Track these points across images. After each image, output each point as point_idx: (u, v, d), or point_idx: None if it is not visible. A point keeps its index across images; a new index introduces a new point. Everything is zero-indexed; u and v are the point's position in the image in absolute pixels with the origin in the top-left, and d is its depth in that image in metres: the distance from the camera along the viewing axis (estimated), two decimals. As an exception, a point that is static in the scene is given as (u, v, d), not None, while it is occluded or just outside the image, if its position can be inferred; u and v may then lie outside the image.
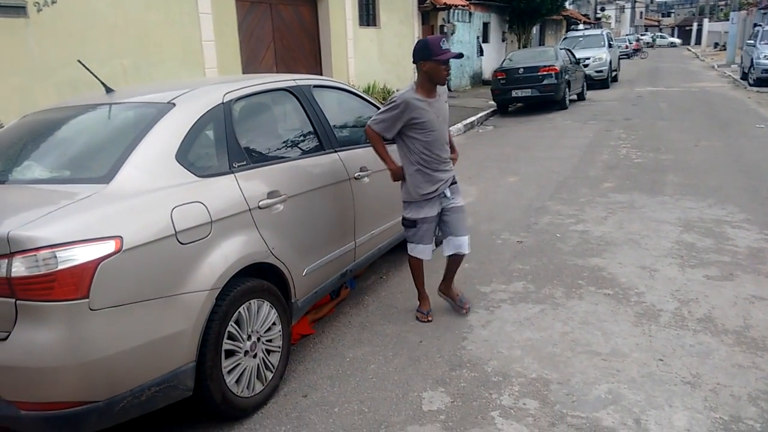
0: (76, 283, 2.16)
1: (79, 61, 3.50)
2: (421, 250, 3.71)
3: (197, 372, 2.56)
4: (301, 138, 3.62)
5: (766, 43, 16.91)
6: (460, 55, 3.51)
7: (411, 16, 16.07)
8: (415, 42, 3.54)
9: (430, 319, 3.78)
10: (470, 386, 3.02)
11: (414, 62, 3.46)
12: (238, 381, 2.77)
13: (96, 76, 3.33)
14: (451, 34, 18.77)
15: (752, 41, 17.76)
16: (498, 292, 4.16)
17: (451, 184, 3.68)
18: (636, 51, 35.07)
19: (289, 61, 11.16)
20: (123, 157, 2.57)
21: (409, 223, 3.67)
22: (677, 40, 60.08)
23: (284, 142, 3.59)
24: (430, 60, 3.36)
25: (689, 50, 45.14)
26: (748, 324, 3.50)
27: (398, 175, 3.62)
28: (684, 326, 3.51)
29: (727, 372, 3.01)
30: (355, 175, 3.75)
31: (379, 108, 4.50)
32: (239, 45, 9.56)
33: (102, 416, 2.29)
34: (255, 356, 2.88)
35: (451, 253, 3.73)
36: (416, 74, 3.54)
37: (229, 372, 2.72)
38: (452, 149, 3.78)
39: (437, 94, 3.52)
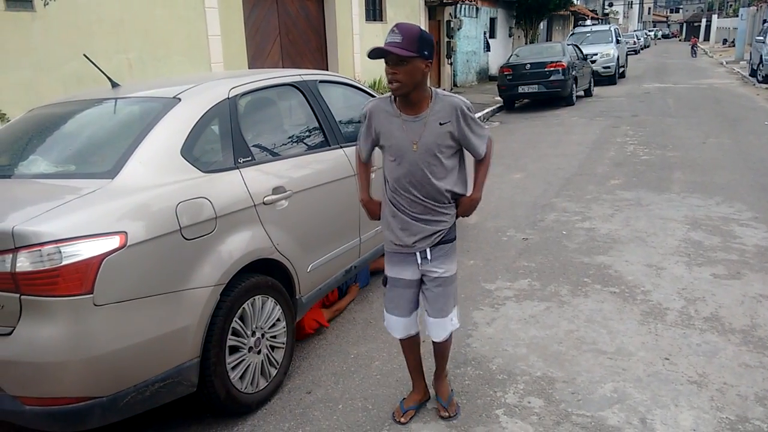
0: (80, 278, 2.16)
1: (84, 56, 3.50)
2: (387, 322, 2.70)
3: (201, 368, 2.56)
4: (307, 133, 3.61)
5: (775, 40, 16.76)
6: (386, 60, 2.29)
7: (418, 11, 16.01)
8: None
9: (402, 421, 2.72)
10: (475, 384, 3.01)
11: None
12: (242, 377, 2.77)
13: (102, 71, 3.32)
14: (458, 29, 18.69)
15: (761, 38, 17.62)
16: (503, 289, 4.14)
17: (440, 242, 2.54)
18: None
19: (295, 56, 11.14)
20: (128, 153, 2.56)
21: (383, 279, 2.70)
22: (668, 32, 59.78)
23: (290, 138, 3.58)
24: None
25: (698, 46, 44.80)
26: (756, 323, 3.47)
27: (367, 209, 2.72)
28: (690, 325, 3.48)
29: (733, 371, 2.99)
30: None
31: None
32: (245, 40, 9.54)
33: (106, 412, 2.29)
34: (259, 352, 2.88)
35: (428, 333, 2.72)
36: None
37: (233, 368, 2.72)
38: (474, 188, 2.63)
39: (427, 108, 2.39)
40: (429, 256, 2.54)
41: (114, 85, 3.33)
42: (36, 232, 2.12)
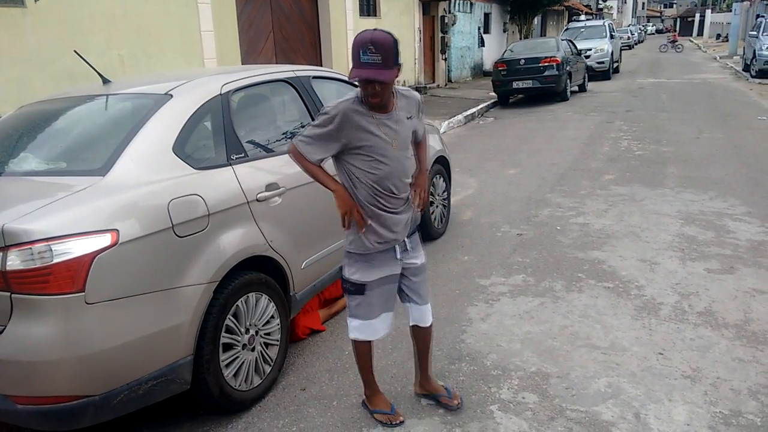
0: (71, 276, 2.14)
1: (75, 52, 3.47)
2: (365, 329, 2.59)
3: (195, 366, 2.55)
4: (300, 129, 3.57)
5: (768, 35, 16.82)
6: (372, 78, 2.22)
7: (412, 6, 15.97)
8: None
9: (401, 419, 2.72)
10: (469, 380, 3.01)
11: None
12: (236, 374, 2.76)
13: (93, 67, 3.29)
14: (452, 24, 18.67)
15: (755, 32, 17.66)
16: (498, 285, 4.14)
17: (413, 231, 2.62)
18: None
19: (288, 52, 11.10)
20: (119, 149, 2.54)
21: (353, 289, 2.54)
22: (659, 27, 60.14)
23: (283, 134, 3.56)
24: (352, 69, 2.27)
25: (691, 41, 44.93)
26: (749, 318, 3.48)
27: (347, 200, 2.46)
28: (684, 320, 3.49)
29: (727, 366, 3.00)
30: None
31: None
32: (238, 35, 9.50)
33: (99, 410, 2.28)
34: (253, 350, 2.87)
35: (413, 324, 2.75)
36: None
37: (227, 365, 2.71)
38: (423, 164, 2.68)
39: (394, 105, 2.41)
40: (408, 246, 2.58)
41: (105, 81, 3.30)
42: (26, 230, 2.11)
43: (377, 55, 2.18)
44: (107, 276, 2.22)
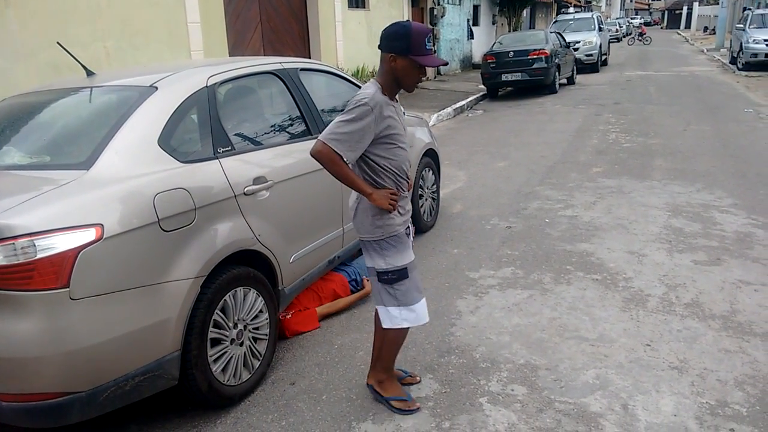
0: (55, 272, 2.11)
1: (58, 43, 3.42)
2: (421, 311, 2.63)
3: (182, 361, 2.53)
4: (288, 122, 3.56)
5: (755, 27, 16.92)
6: (444, 63, 2.59)
7: (401, -2, 15.89)
8: (392, 23, 2.47)
9: (418, 406, 2.76)
10: (459, 373, 3.01)
11: (381, 50, 2.46)
12: (224, 369, 2.74)
13: (76, 59, 3.25)
14: (441, 16, 18.61)
15: (741, 25, 17.76)
16: (487, 277, 4.15)
17: None
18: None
19: (276, 44, 11.02)
20: (104, 143, 2.51)
21: (396, 276, 2.55)
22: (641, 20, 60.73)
23: (271, 127, 3.53)
24: (407, 56, 2.40)
25: (679, 34, 45.13)
26: (735, 309, 3.51)
27: (386, 195, 2.48)
28: (671, 311, 3.52)
29: (713, 357, 3.03)
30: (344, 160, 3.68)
31: None
32: (225, 27, 9.40)
33: (85, 407, 2.25)
34: (241, 344, 2.85)
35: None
36: (380, 65, 2.50)
37: (215, 360, 2.69)
38: None
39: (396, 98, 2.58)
40: (411, 233, 2.70)
41: (89, 73, 3.25)
42: (9, 225, 2.07)
43: (432, 44, 2.45)
44: (92, 271, 2.19)
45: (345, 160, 2.39)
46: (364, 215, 2.53)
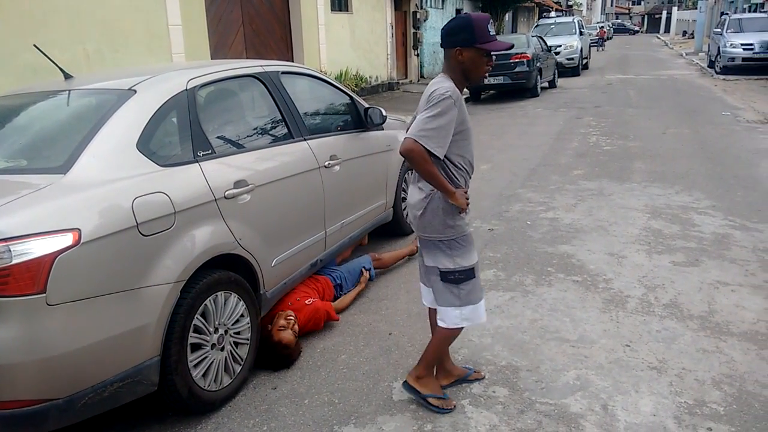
0: (32, 277, 2.08)
1: (35, 46, 3.38)
2: (482, 311, 2.64)
3: (162, 366, 2.50)
4: (269, 126, 3.55)
5: (732, 32, 17.23)
6: (510, 47, 2.60)
7: (383, 1, 15.94)
8: (451, 18, 2.50)
9: (454, 404, 2.77)
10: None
11: (445, 47, 2.48)
12: (205, 374, 2.72)
13: (54, 62, 3.21)
14: (424, 20, 18.68)
15: (719, 30, 18.09)
16: (469, 280, 4.16)
17: None
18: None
19: (259, 47, 10.98)
20: (81, 146, 2.47)
21: (463, 276, 2.55)
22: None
23: (252, 130, 3.51)
24: (473, 47, 2.40)
25: (658, 38, 45.77)
26: (713, 309, 3.56)
27: (463, 195, 2.50)
28: (650, 312, 3.56)
29: (692, 357, 3.07)
30: (325, 163, 3.69)
31: (351, 96, 4.40)
32: (207, 30, 9.36)
33: (63, 414, 2.22)
34: (222, 349, 2.83)
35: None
36: (446, 62, 2.51)
37: (196, 366, 2.67)
38: None
39: None
40: None
41: (67, 76, 3.21)
42: (-17, 230, 2.04)
43: (494, 30, 2.42)
44: (69, 276, 2.16)
45: (437, 156, 2.36)
46: (434, 215, 2.50)
